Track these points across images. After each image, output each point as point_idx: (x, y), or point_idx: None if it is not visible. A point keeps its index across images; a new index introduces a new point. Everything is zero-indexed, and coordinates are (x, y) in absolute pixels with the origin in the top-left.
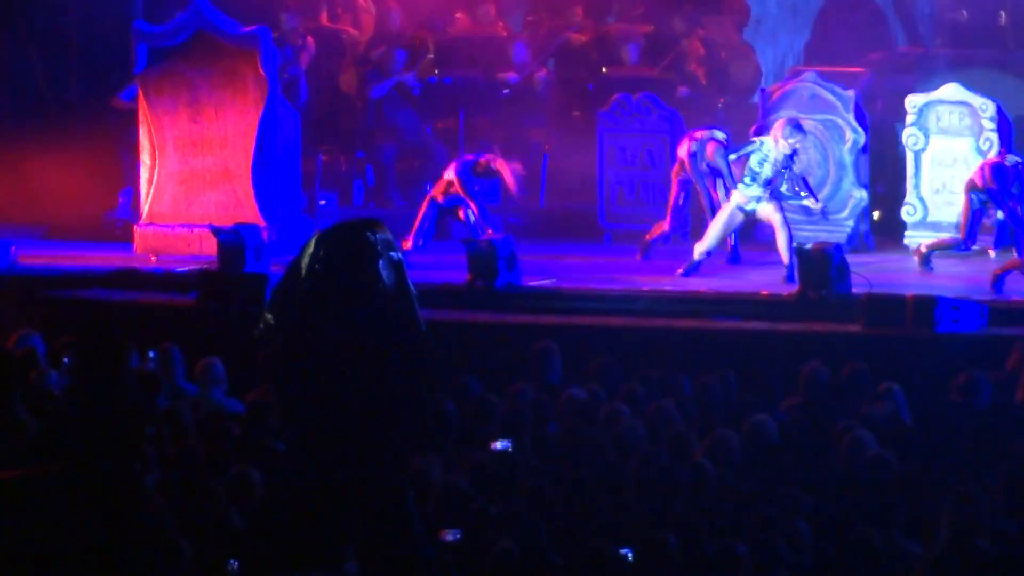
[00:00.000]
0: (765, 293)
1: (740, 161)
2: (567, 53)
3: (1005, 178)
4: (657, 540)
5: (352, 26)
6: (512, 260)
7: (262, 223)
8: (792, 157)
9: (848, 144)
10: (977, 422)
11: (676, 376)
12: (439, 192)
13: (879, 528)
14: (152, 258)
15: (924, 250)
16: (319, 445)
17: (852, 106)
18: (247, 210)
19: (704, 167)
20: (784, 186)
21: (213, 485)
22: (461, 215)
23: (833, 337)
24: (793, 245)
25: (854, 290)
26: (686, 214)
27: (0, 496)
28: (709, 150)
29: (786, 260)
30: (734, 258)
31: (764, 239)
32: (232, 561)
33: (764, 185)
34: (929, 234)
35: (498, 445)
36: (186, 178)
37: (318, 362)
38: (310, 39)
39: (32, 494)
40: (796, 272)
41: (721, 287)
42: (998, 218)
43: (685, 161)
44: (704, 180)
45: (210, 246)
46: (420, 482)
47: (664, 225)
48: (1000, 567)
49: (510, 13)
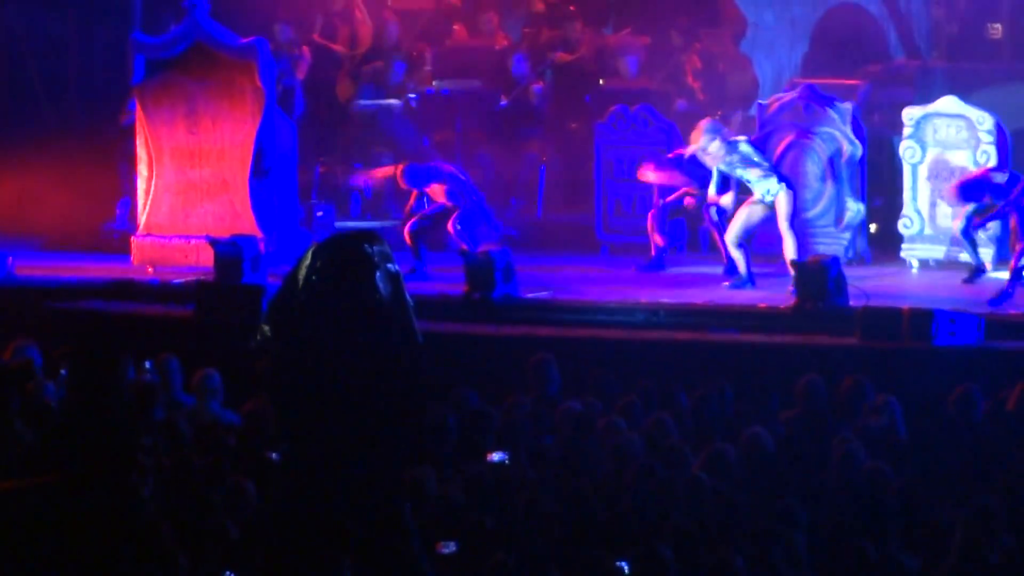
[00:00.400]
0: (762, 306)
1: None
2: (565, 65)
3: (969, 193)
4: (654, 552)
5: (349, 38)
6: (509, 272)
7: (259, 234)
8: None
9: (845, 156)
10: (973, 435)
11: (673, 388)
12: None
13: (875, 541)
14: (149, 269)
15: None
16: (315, 456)
17: (849, 118)
18: (244, 221)
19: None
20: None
21: (209, 496)
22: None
23: (830, 350)
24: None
25: (851, 303)
26: (681, 226)
27: None
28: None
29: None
30: (732, 269)
31: (761, 251)
32: (228, 572)
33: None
34: (926, 247)
35: (495, 457)
36: (183, 189)
37: (315, 374)
38: (306, 50)
39: (28, 505)
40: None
41: (718, 299)
42: (996, 233)
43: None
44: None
45: (207, 257)
46: (416, 494)
47: (657, 239)
48: None
49: (509, 24)
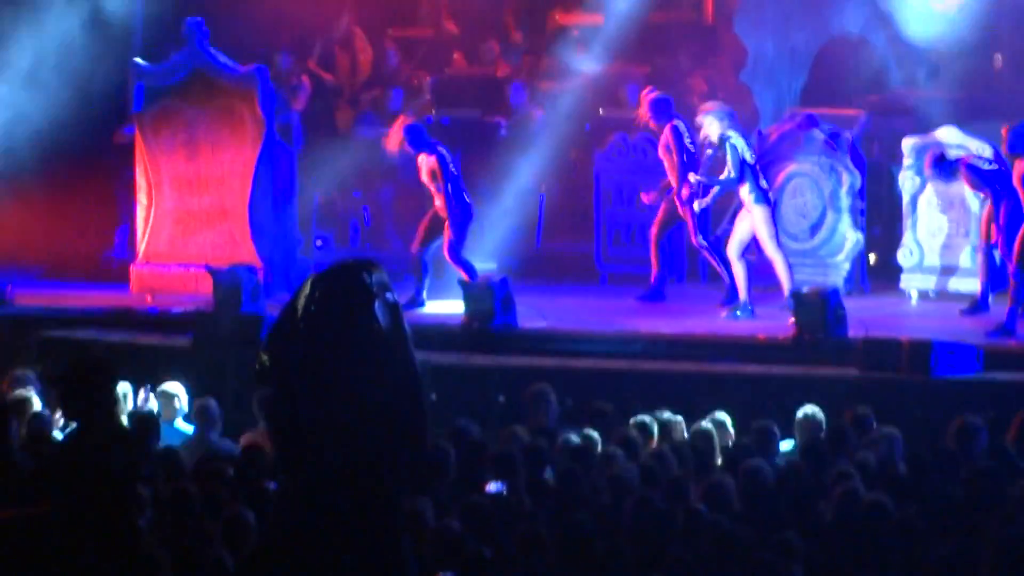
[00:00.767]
0: (762, 336)
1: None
2: (564, 92)
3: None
4: None
5: (350, 66)
6: (508, 302)
7: (258, 263)
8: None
9: (844, 186)
10: (972, 467)
11: (672, 419)
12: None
13: (874, 574)
14: (148, 298)
15: None
16: (313, 486)
17: (848, 148)
18: (243, 250)
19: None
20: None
21: (207, 526)
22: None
23: (829, 381)
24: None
25: (850, 334)
26: (680, 256)
27: None
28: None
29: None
30: (732, 296)
31: (761, 281)
32: None
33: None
34: (925, 277)
35: (492, 488)
36: (182, 217)
37: (314, 403)
38: (306, 79)
39: (26, 534)
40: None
41: (718, 330)
42: (995, 261)
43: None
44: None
45: (206, 286)
46: (414, 524)
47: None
48: None
49: (509, 53)
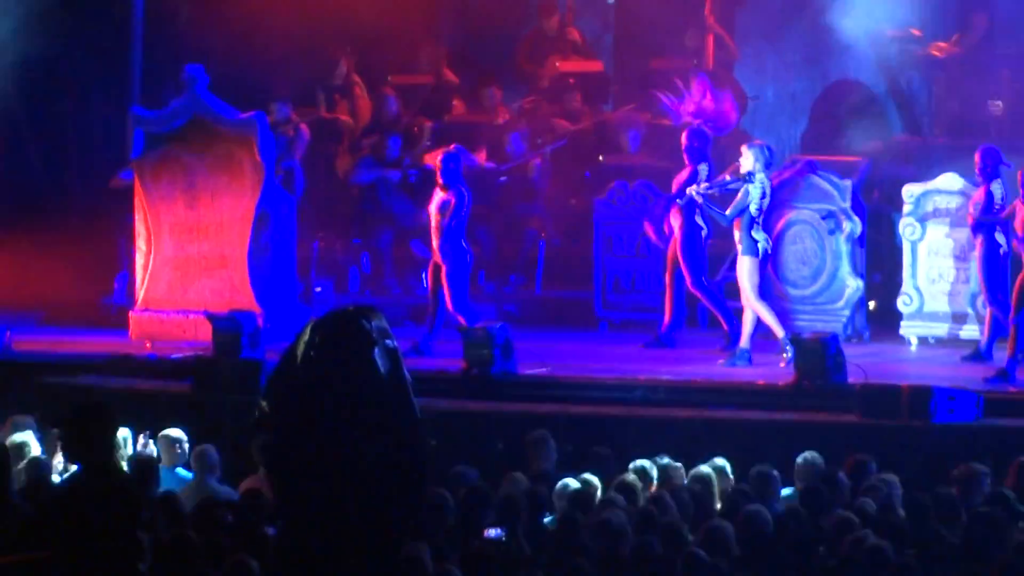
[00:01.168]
0: (761, 383)
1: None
2: (565, 137)
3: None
4: None
5: (349, 113)
6: (508, 348)
7: (258, 310)
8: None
9: (844, 233)
10: (973, 513)
11: (671, 465)
12: None
13: None
14: (147, 344)
15: None
16: (313, 532)
17: (849, 195)
18: (243, 296)
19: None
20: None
21: (207, 573)
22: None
23: (829, 427)
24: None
25: (850, 380)
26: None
27: None
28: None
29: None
30: (735, 340)
31: (760, 328)
32: None
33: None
34: (925, 324)
35: (492, 533)
36: (181, 264)
37: (313, 449)
38: (304, 127)
39: None
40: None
41: (717, 376)
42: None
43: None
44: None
45: (205, 332)
46: (413, 570)
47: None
48: None
49: (510, 99)
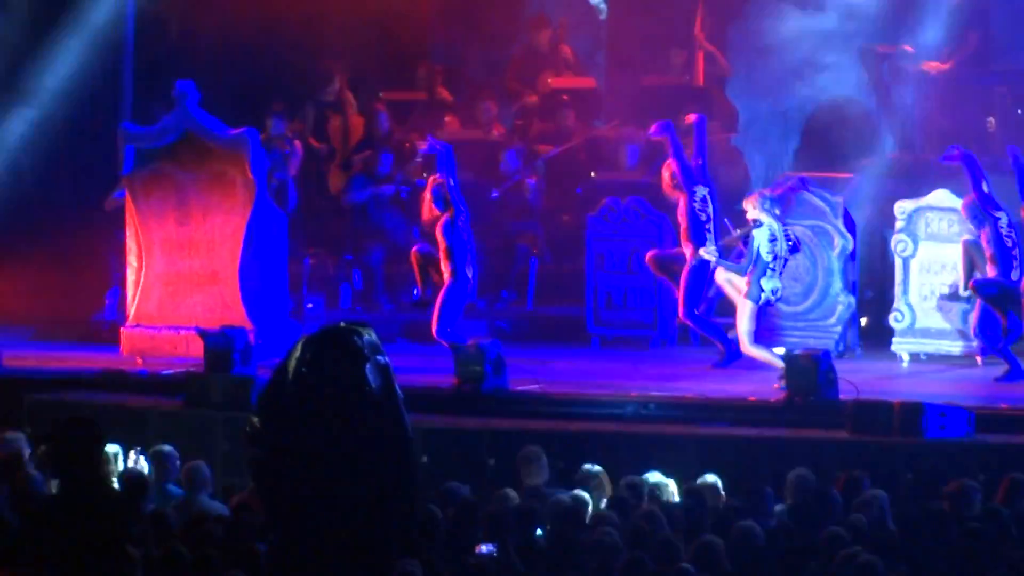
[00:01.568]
0: (753, 399)
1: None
2: (557, 155)
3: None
4: None
5: (341, 129)
6: (499, 364)
7: (249, 326)
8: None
9: (836, 250)
10: (965, 530)
11: (663, 481)
12: None
13: None
14: (138, 360)
15: None
16: (304, 548)
17: (841, 212)
18: (234, 313)
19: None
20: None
21: None
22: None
23: (820, 443)
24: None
25: (841, 396)
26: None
27: None
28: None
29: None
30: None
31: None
32: None
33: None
34: (917, 340)
35: (483, 550)
36: (173, 280)
37: (305, 465)
38: (298, 143)
39: None
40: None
41: (708, 392)
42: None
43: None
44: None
45: (196, 348)
46: None
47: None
48: None
49: (503, 116)
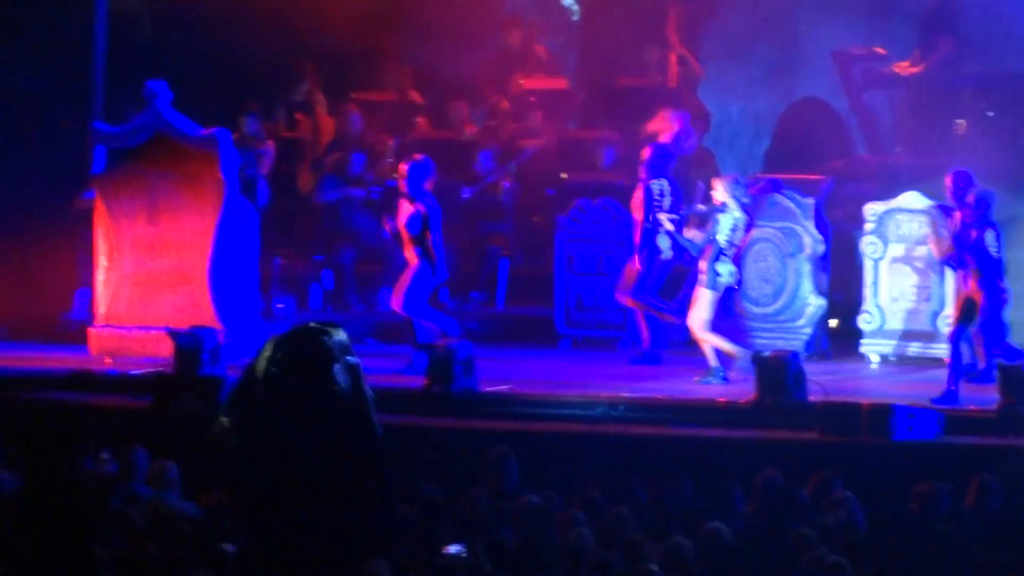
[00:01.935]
0: (722, 400)
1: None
2: (530, 156)
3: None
4: None
5: (312, 130)
6: (469, 365)
7: (219, 326)
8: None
9: (807, 251)
10: (933, 531)
11: (632, 482)
12: None
13: None
14: (107, 360)
15: None
16: (273, 549)
17: (811, 213)
18: (204, 313)
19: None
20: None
21: None
22: None
23: (789, 445)
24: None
25: (810, 398)
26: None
27: None
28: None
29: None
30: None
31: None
32: None
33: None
34: (886, 342)
35: (452, 550)
36: (143, 280)
37: (274, 466)
38: (271, 143)
39: None
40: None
41: (677, 393)
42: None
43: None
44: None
45: (166, 348)
46: None
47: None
48: None
49: (475, 116)
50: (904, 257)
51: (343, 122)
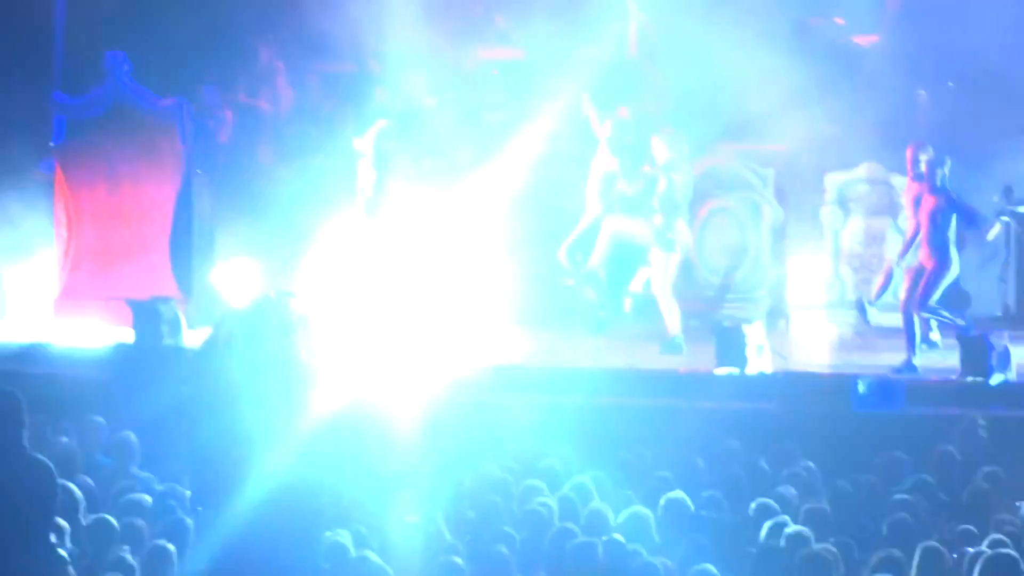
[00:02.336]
0: (682, 370)
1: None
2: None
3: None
4: None
5: (271, 101)
6: None
7: (179, 296)
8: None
9: (767, 222)
10: (894, 501)
11: (593, 452)
12: None
13: None
14: (68, 331)
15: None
16: (233, 519)
17: (771, 184)
18: (164, 283)
19: None
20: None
21: (127, 558)
22: None
23: (750, 415)
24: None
25: (771, 368)
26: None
27: None
28: None
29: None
30: None
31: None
32: None
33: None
34: (848, 312)
35: (411, 520)
36: (103, 251)
37: (233, 435)
38: (228, 113)
39: None
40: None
41: (639, 364)
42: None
43: None
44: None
45: (126, 319)
46: (335, 557)
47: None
48: None
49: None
50: (864, 227)
51: (301, 93)
